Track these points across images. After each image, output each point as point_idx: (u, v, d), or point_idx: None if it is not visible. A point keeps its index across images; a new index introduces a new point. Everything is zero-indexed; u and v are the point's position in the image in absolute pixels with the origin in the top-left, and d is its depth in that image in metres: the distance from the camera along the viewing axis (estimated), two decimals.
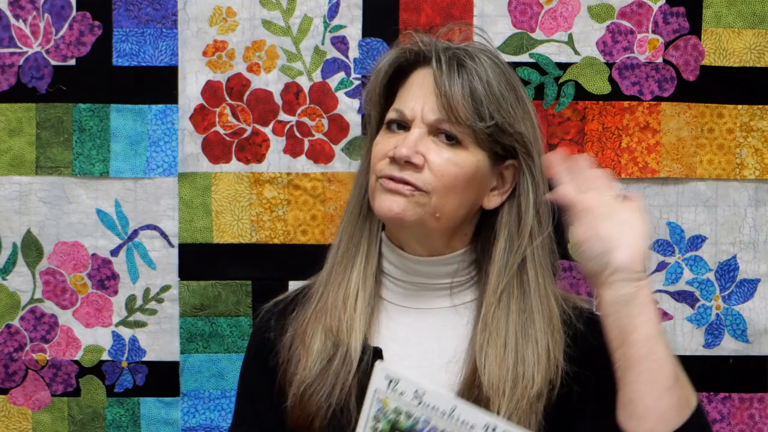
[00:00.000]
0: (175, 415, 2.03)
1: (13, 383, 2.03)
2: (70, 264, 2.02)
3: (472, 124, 1.53)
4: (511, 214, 1.59)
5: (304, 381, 1.57)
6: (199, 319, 2.02)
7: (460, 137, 1.54)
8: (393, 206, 1.54)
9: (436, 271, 1.60)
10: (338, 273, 1.62)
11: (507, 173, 1.59)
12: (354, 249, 1.63)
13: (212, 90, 2.00)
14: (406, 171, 1.53)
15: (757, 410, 2.03)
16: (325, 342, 1.58)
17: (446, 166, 1.53)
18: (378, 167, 1.56)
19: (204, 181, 2.01)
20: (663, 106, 2.00)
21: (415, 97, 1.56)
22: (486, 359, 1.52)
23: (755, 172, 2.01)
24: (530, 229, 1.57)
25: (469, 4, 1.99)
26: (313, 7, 2.00)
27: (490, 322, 1.55)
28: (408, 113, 1.56)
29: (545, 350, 1.53)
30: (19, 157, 2.01)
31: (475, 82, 1.53)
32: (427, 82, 1.56)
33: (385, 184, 1.54)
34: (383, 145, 1.57)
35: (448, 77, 1.53)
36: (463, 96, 1.53)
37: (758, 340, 2.03)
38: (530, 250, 1.57)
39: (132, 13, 2.00)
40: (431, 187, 1.53)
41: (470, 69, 1.54)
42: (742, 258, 2.02)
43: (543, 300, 1.57)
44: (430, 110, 1.54)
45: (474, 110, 1.53)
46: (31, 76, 2.00)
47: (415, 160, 1.53)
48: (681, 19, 1.99)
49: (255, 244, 2.02)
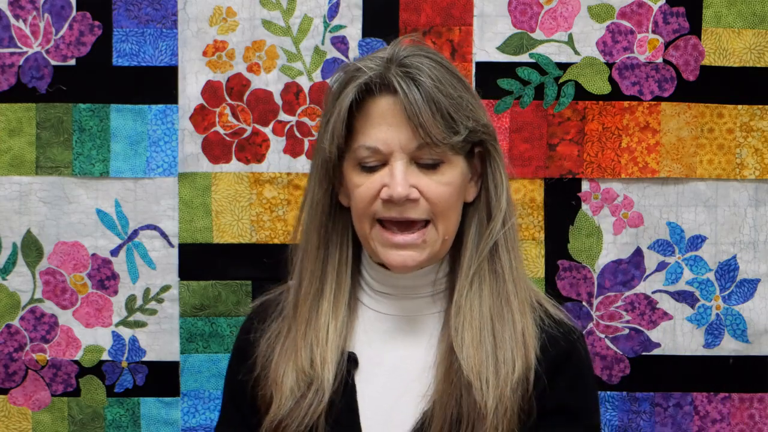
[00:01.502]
0: (175, 415, 2.03)
1: (13, 383, 2.03)
2: (70, 264, 2.02)
3: (448, 141, 1.49)
4: (483, 201, 1.56)
5: (277, 416, 1.54)
6: (199, 319, 2.02)
7: (443, 158, 1.50)
8: (408, 261, 1.51)
9: (419, 282, 1.57)
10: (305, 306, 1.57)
11: (476, 161, 1.56)
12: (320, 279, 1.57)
13: (212, 90, 2.00)
14: (407, 210, 1.50)
15: (757, 410, 2.03)
16: (297, 381, 1.55)
17: (441, 191, 1.50)
18: (371, 211, 1.51)
19: (204, 181, 2.01)
20: (663, 106, 2.00)
21: (385, 129, 1.50)
22: (462, 342, 1.50)
23: (755, 172, 2.01)
24: (503, 213, 1.55)
25: (469, 4, 1.99)
26: (313, 7, 2.00)
27: (464, 305, 1.52)
28: (383, 148, 1.49)
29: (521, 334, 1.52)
30: (19, 157, 2.01)
31: (438, 98, 1.48)
32: (392, 112, 1.49)
33: (390, 239, 1.50)
34: (368, 186, 1.51)
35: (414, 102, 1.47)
36: (434, 116, 1.48)
37: (758, 340, 2.03)
38: (502, 233, 1.54)
39: (132, 13, 2.00)
40: (432, 215, 1.51)
41: (427, 84, 1.48)
42: (742, 258, 2.02)
43: (518, 283, 1.55)
44: (410, 138, 1.49)
45: (447, 127, 1.49)
46: (31, 76, 2.00)
47: (413, 195, 1.49)
48: (681, 19, 1.99)
49: (255, 244, 2.02)
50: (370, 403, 1.54)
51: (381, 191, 1.50)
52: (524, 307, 1.54)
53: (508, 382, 1.48)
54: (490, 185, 1.55)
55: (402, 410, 1.52)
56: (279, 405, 1.55)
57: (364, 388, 1.55)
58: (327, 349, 1.55)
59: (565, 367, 1.53)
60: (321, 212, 1.57)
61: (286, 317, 1.61)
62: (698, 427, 2.02)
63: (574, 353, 1.54)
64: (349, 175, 1.53)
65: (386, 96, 1.50)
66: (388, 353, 1.57)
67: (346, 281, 1.58)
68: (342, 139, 1.51)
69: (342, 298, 1.57)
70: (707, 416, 2.02)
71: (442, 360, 1.52)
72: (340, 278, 1.58)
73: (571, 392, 1.53)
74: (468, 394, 1.48)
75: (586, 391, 1.57)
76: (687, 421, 2.02)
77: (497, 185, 1.55)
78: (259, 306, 1.68)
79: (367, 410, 1.54)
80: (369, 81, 1.50)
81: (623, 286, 2.01)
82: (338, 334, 1.56)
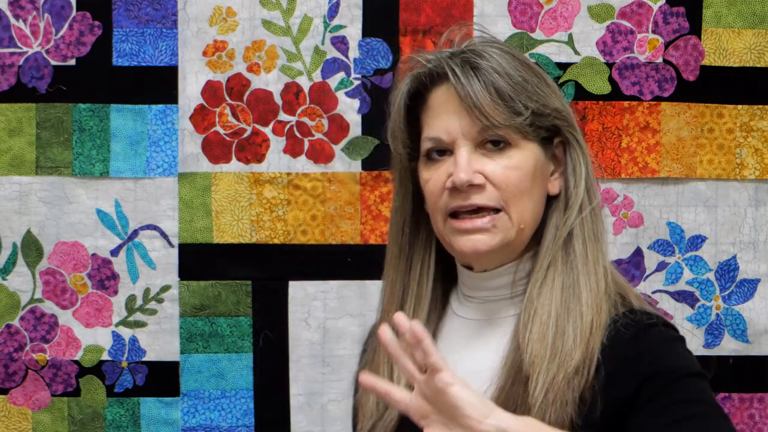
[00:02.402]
0: (175, 415, 2.03)
1: (13, 383, 2.03)
2: (70, 264, 2.02)
3: (510, 122, 1.45)
4: (563, 192, 1.51)
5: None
6: (199, 319, 2.02)
7: (507, 138, 1.46)
8: (479, 246, 1.46)
9: (499, 282, 1.52)
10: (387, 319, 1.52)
11: (558, 152, 1.52)
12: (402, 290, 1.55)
13: (212, 90, 2.00)
14: (472, 195, 1.45)
15: (757, 410, 2.03)
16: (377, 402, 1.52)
17: (508, 174, 1.46)
18: (441, 204, 1.47)
19: (204, 181, 2.01)
20: (663, 106, 2.00)
21: (446, 118, 1.47)
22: (529, 337, 1.45)
23: (755, 172, 2.01)
24: (580, 201, 1.50)
25: (469, 4, 1.99)
26: (313, 7, 2.00)
27: (535, 298, 1.47)
28: (445, 137, 1.47)
29: (588, 326, 1.45)
30: (19, 157, 2.01)
31: (497, 80, 1.45)
32: (451, 99, 1.47)
33: (459, 226, 1.46)
34: (435, 180, 1.47)
35: (469, 86, 1.45)
36: (492, 99, 1.45)
37: (758, 340, 2.03)
38: (578, 221, 1.49)
39: (132, 13, 2.00)
40: (503, 201, 1.46)
41: (485, 68, 1.46)
42: (742, 258, 2.02)
43: (591, 275, 1.48)
44: (468, 125, 1.46)
45: (507, 108, 1.45)
46: (31, 76, 2.00)
47: (476, 180, 1.44)
48: (681, 19, 1.99)
49: (255, 244, 2.02)
50: None
51: (447, 182, 1.46)
52: (598, 300, 1.47)
53: (562, 371, 1.42)
54: (569, 173, 1.51)
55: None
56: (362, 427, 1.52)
57: None
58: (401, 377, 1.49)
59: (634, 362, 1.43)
60: (400, 220, 1.55)
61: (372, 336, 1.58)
62: None
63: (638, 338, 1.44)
64: (421, 171, 1.50)
65: (443, 85, 1.48)
66: (466, 359, 1.52)
67: (427, 294, 1.55)
68: (404, 134, 1.51)
69: (421, 311, 1.54)
70: None
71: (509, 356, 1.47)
72: (420, 290, 1.55)
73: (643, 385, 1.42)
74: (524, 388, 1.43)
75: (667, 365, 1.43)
76: None
77: (576, 173, 1.51)
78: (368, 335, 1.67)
79: None
80: (423, 72, 1.49)
81: None
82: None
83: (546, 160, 1.51)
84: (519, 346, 1.46)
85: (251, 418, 2.03)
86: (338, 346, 2.03)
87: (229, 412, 2.02)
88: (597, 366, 1.42)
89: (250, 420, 2.03)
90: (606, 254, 1.51)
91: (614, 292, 1.49)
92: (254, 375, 2.02)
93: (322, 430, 2.03)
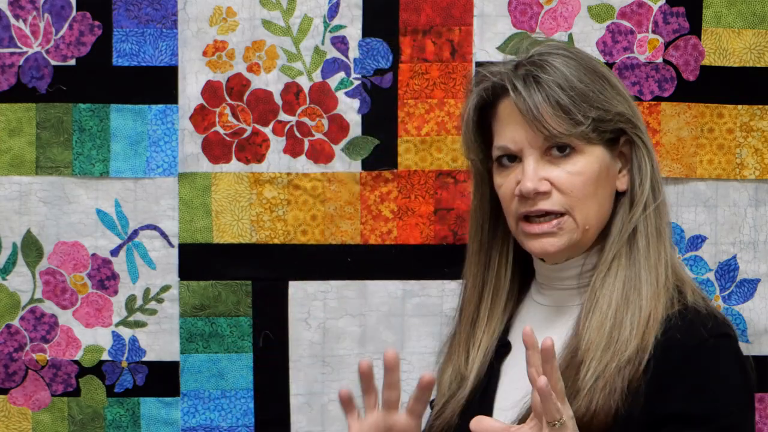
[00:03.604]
0: (175, 415, 2.03)
1: (13, 383, 2.03)
2: (70, 264, 2.02)
3: (571, 132, 1.53)
4: (629, 190, 1.60)
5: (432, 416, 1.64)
6: (199, 319, 2.02)
7: (571, 144, 1.54)
8: (547, 247, 1.56)
9: (565, 274, 1.61)
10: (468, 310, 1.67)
11: (625, 149, 1.60)
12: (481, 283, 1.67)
13: (212, 90, 2.00)
14: (539, 202, 1.55)
15: (757, 410, 2.03)
16: (452, 381, 1.65)
17: (573, 180, 1.54)
18: (512, 209, 1.57)
19: (204, 181, 2.01)
20: (663, 106, 2.00)
21: (512, 129, 1.56)
22: (589, 324, 1.53)
23: (755, 172, 2.01)
24: (645, 198, 1.58)
25: (469, 4, 1.99)
26: (313, 7, 2.00)
27: (598, 289, 1.55)
28: (513, 146, 1.56)
29: (646, 319, 1.51)
30: (19, 157, 2.01)
31: (557, 93, 1.53)
32: (515, 111, 1.56)
33: (529, 230, 1.56)
34: (506, 185, 1.58)
35: (530, 100, 1.53)
36: (554, 112, 1.53)
37: (758, 340, 2.03)
38: (643, 217, 1.57)
39: (132, 13, 2.00)
40: (568, 206, 1.55)
41: (546, 81, 1.54)
42: (742, 258, 2.02)
43: (652, 270, 1.55)
44: (532, 135, 1.54)
45: (568, 119, 1.53)
46: (31, 76, 2.00)
47: (542, 188, 1.54)
48: (681, 19, 1.99)
49: (255, 244, 2.02)
50: (509, 385, 1.59)
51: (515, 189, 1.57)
52: (657, 295, 1.54)
53: (615, 360, 1.49)
54: (635, 172, 1.59)
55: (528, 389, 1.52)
56: (437, 402, 1.65)
57: (508, 372, 1.61)
58: (476, 359, 1.64)
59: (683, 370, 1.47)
60: (479, 219, 1.66)
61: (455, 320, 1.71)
62: None
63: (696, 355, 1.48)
64: (495, 177, 1.61)
65: (508, 97, 1.57)
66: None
67: (505, 284, 1.66)
68: (475, 144, 1.62)
69: (499, 301, 1.66)
70: None
71: (569, 341, 1.55)
72: (498, 282, 1.66)
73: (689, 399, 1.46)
74: (576, 372, 1.50)
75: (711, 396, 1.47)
76: None
77: (641, 171, 1.59)
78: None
79: (505, 390, 1.60)
80: (488, 86, 1.59)
81: None
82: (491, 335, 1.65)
83: (612, 160, 1.59)
84: (578, 333, 1.54)
85: (251, 418, 2.03)
86: (338, 346, 2.03)
87: (229, 412, 2.02)
88: (648, 360, 1.48)
89: (250, 420, 2.03)
90: (668, 249, 1.59)
91: (673, 286, 1.55)
92: (254, 375, 2.02)
93: (322, 430, 2.03)
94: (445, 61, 2.00)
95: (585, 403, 1.47)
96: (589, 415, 1.46)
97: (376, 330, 2.02)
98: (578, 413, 1.44)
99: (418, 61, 2.00)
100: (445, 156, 2.01)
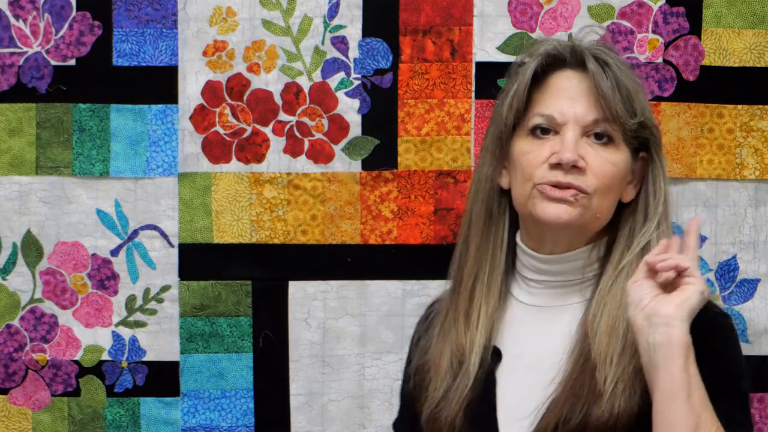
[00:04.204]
0: (175, 415, 2.03)
1: (13, 383, 2.03)
2: (70, 264, 2.02)
3: (625, 121, 1.55)
4: (641, 203, 1.61)
5: (433, 402, 1.61)
6: (199, 319, 2.02)
7: (613, 135, 1.57)
8: (561, 214, 1.55)
9: (566, 268, 1.60)
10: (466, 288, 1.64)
11: (637, 166, 1.62)
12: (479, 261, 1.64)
13: (212, 90, 2.01)
14: (571, 175, 1.55)
15: (757, 410, 2.03)
16: (451, 360, 1.61)
17: (606, 167, 1.56)
18: (537, 175, 1.56)
19: (204, 181, 2.01)
20: (663, 106, 2.00)
21: (563, 101, 1.57)
22: (598, 329, 1.53)
23: (755, 172, 2.01)
24: (659, 216, 1.60)
25: (469, 3, 2.00)
26: (313, 7, 2.00)
27: (607, 293, 1.55)
28: (558, 117, 1.57)
29: None
30: (19, 157, 2.01)
31: (623, 80, 1.56)
32: (573, 84, 1.58)
33: (550, 193, 1.55)
34: (537, 153, 1.57)
35: (602, 77, 1.55)
36: (620, 94, 1.55)
37: (758, 340, 2.03)
38: (655, 234, 1.59)
39: (132, 13, 2.00)
40: (593, 188, 1.56)
41: (613, 67, 1.57)
42: (742, 258, 2.02)
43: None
44: (587, 111, 1.56)
45: (626, 107, 1.56)
46: (31, 76, 2.00)
47: (580, 163, 1.54)
48: (681, 19, 2.00)
49: (255, 244, 2.02)
50: (510, 395, 1.58)
51: (550, 158, 1.55)
52: None
53: (633, 362, 1.49)
54: (650, 189, 1.61)
55: (535, 399, 1.54)
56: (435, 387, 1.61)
57: (505, 382, 1.59)
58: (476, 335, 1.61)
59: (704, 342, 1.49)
60: (489, 191, 1.64)
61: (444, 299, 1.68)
62: None
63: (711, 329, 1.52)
64: (519, 144, 1.59)
65: (569, 70, 1.59)
66: (529, 345, 1.60)
67: (500, 268, 1.64)
68: (522, 105, 1.59)
69: (494, 284, 1.63)
70: None
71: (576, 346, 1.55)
72: (494, 263, 1.64)
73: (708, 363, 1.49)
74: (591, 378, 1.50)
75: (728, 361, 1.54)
76: None
77: (657, 190, 1.61)
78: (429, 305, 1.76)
79: (506, 402, 1.58)
80: (556, 53, 1.59)
81: None
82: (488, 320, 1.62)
83: (630, 168, 1.61)
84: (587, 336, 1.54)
85: (251, 418, 2.03)
86: (338, 346, 2.03)
87: (229, 412, 2.02)
88: None
89: (250, 420, 2.03)
90: None
91: None
92: (254, 375, 2.02)
93: (322, 430, 2.03)
94: (445, 61, 2.00)
95: (608, 408, 1.47)
96: (612, 420, 1.47)
97: (376, 330, 2.02)
98: (602, 418, 1.46)
99: (418, 61, 2.00)
100: (445, 156, 2.01)
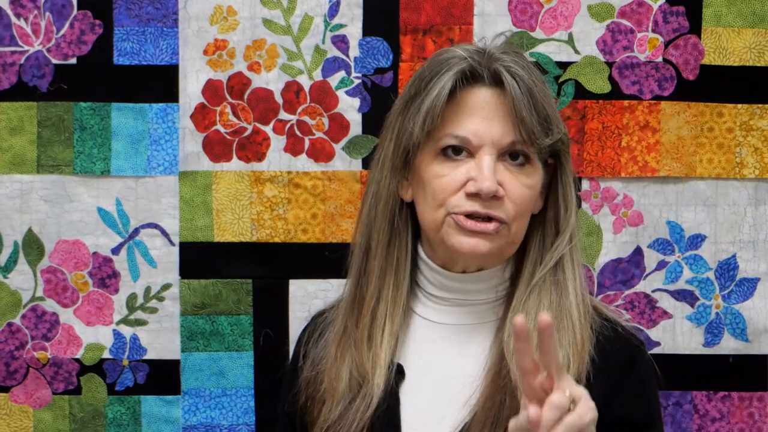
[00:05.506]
0: (176, 414, 2.03)
1: (15, 381, 2.03)
2: (71, 262, 2.02)
3: (542, 141, 1.46)
4: (550, 214, 1.53)
5: (326, 423, 1.53)
6: (199, 318, 2.02)
7: (529, 154, 1.47)
8: (480, 247, 1.46)
9: (477, 288, 1.53)
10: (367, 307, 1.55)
11: (545, 172, 1.53)
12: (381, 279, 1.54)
13: (213, 89, 2.01)
14: (491, 206, 1.46)
15: (756, 409, 2.03)
16: (350, 382, 1.52)
17: (523, 192, 1.47)
18: (452, 202, 1.46)
19: (205, 179, 2.01)
20: (663, 105, 2.00)
21: (478, 121, 1.46)
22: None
23: (755, 171, 2.01)
24: (571, 228, 1.52)
25: (469, 3, 2.00)
26: (313, 6, 2.00)
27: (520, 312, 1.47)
28: (474, 140, 1.46)
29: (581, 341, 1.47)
30: (20, 156, 2.01)
31: (537, 97, 1.46)
32: (488, 104, 1.46)
33: (467, 225, 1.46)
34: (451, 178, 1.47)
35: (519, 97, 1.44)
36: (537, 115, 1.45)
37: (758, 339, 2.03)
38: (568, 248, 1.51)
39: (133, 12, 2.00)
40: (512, 217, 1.47)
41: (527, 81, 1.46)
42: (742, 257, 2.03)
43: (578, 295, 1.51)
44: (503, 134, 1.46)
45: (543, 128, 1.46)
46: (32, 75, 2.00)
47: (500, 193, 1.45)
48: (681, 18, 2.00)
49: (256, 243, 2.02)
50: (415, 415, 1.51)
51: (466, 184, 1.46)
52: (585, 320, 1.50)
53: None
54: (560, 199, 1.53)
55: (446, 420, 1.49)
56: (330, 408, 1.53)
57: (410, 400, 1.52)
58: (380, 354, 1.52)
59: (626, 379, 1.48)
60: (392, 205, 1.53)
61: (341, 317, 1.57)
62: (698, 426, 2.03)
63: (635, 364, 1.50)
64: (427, 164, 1.48)
65: (485, 87, 1.47)
66: (436, 363, 1.54)
67: (404, 284, 1.54)
68: (436, 125, 1.46)
69: (399, 300, 1.54)
70: (707, 415, 2.02)
71: (492, 367, 1.48)
72: (398, 279, 1.54)
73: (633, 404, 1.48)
74: (512, 399, 1.43)
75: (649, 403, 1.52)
76: (687, 420, 2.03)
77: (567, 200, 1.53)
78: (312, 323, 1.68)
79: (411, 422, 1.51)
80: (471, 69, 1.46)
81: (623, 284, 2.02)
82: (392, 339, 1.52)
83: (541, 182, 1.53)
84: (503, 356, 1.46)
85: (252, 416, 2.03)
86: None
87: (229, 411, 2.03)
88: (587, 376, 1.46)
89: (250, 418, 2.03)
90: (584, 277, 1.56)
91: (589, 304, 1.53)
92: (255, 373, 2.02)
93: None
94: None
95: None
96: None
97: None
98: None
99: (418, 60, 2.00)
100: None
